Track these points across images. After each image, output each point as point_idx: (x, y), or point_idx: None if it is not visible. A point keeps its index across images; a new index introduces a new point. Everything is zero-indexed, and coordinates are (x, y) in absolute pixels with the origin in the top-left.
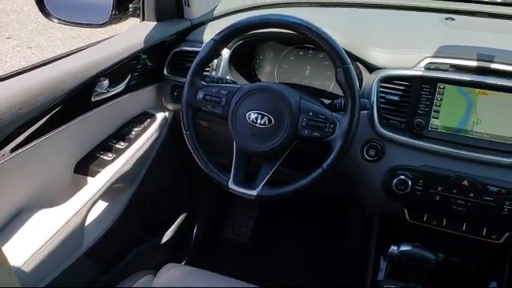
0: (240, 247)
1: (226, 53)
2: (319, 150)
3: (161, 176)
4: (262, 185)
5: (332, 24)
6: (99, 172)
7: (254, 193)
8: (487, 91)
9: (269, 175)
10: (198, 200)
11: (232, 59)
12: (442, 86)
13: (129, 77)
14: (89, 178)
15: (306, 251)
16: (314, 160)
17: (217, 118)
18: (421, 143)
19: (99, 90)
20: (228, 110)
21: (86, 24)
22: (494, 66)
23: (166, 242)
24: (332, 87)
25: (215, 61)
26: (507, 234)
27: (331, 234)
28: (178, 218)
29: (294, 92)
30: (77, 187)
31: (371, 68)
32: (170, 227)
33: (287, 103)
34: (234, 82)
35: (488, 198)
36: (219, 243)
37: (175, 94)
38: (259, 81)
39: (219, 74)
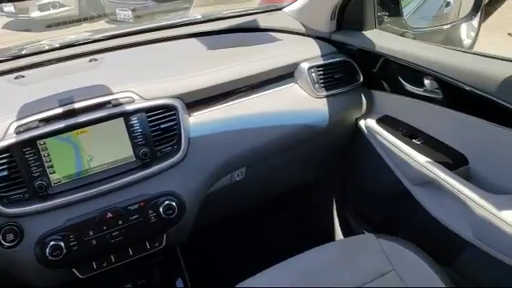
0: None
1: None
2: None
3: None
4: None
5: None
6: None
7: None
8: (85, 128)
9: None
10: None
11: None
12: (42, 143)
13: None
14: None
15: None
16: None
17: None
18: (52, 202)
19: None
20: None
21: None
22: (77, 105)
23: None
24: None
25: None
26: (164, 235)
27: None
28: None
29: None
30: None
31: None
32: None
33: None
34: None
35: (135, 217)
36: None
37: None
38: None
39: None
